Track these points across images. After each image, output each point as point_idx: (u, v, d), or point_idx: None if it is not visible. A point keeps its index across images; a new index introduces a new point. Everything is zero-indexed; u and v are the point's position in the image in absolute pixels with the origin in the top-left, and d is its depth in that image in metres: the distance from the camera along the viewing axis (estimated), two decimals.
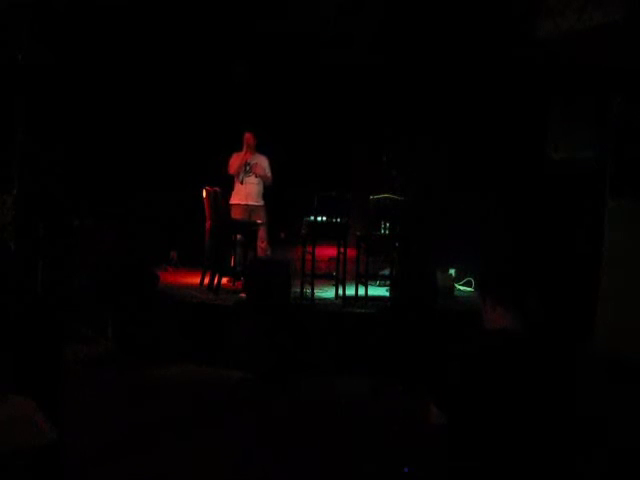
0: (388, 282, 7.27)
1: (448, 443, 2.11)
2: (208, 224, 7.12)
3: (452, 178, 7.73)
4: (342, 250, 6.92)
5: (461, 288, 7.62)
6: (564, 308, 5.90)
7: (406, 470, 2.66)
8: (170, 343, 5.99)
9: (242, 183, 7.51)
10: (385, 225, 6.98)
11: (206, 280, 7.06)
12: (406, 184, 7.53)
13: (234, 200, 7.51)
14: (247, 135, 7.64)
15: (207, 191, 7.05)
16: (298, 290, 6.63)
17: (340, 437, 4.52)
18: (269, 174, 7.65)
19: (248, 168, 7.55)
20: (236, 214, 7.40)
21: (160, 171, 8.09)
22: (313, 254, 6.76)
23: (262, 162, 7.64)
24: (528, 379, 2.07)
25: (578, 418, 2.11)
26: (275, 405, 5.02)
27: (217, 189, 7.01)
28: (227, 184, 7.53)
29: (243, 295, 6.34)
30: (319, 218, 6.73)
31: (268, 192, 7.83)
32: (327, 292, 7.13)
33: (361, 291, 6.76)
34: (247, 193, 7.53)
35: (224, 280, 7.01)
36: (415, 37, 7.52)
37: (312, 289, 6.66)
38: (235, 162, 7.57)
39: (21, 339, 3.13)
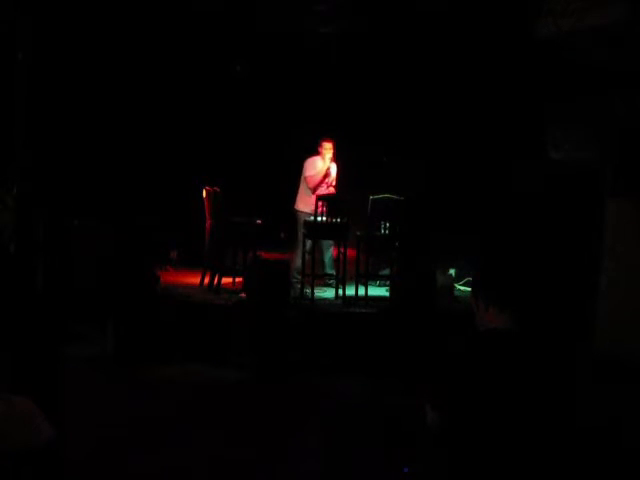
0: (388, 282, 7.27)
1: (445, 443, 2.10)
2: (208, 224, 7.12)
3: (452, 178, 7.72)
4: (342, 250, 6.91)
5: (461, 288, 7.61)
6: (564, 308, 5.89)
7: (406, 470, 2.66)
8: (170, 343, 5.99)
9: (314, 192, 7.07)
10: (385, 225, 6.97)
11: (206, 280, 7.05)
12: (406, 184, 7.51)
13: (304, 208, 7.13)
14: (326, 143, 7.14)
15: (207, 191, 7.05)
16: (298, 290, 6.62)
17: (340, 437, 4.52)
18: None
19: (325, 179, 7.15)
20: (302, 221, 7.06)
21: (160, 171, 8.08)
22: (313, 254, 6.75)
23: (334, 171, 7.25)
24: (521, 379, 2.06)
25: (573, 417, 2.11)
26: (275, 405, 5.01)
27: (217, 189, 7.00)
28: (229, 183, 7.47)
29: (243, 295, 6.33)
30: (319, 218, 6.72)
31: (268, 192, 7.82)
32: (327, 292, 7.13)
33: (361, 291, 6.76)
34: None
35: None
36: (416, 37, 7.52)
37: (312, 289, 6.65)
38: (318, 174, 7.08)
39: (20, 339, 3.13)
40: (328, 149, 7.15)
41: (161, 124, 8.11)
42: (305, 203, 7.17)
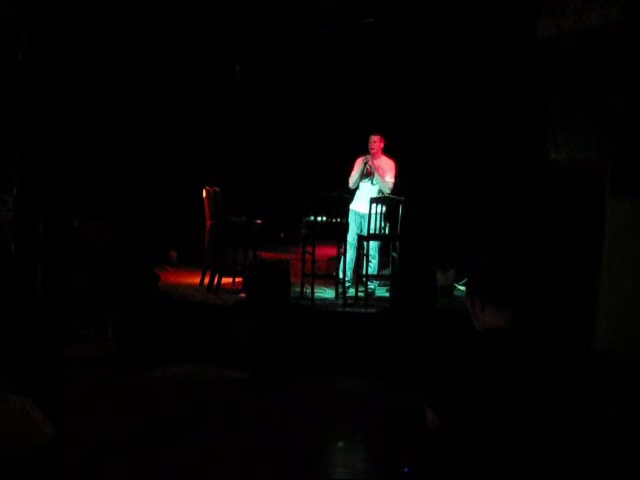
0: (388, 282, 7.27)
1: (445, 444, 2.10)
2: (208, 224, 7.12)
3: (452, 178, 7.72)
4: (342, 250, 6.92)
5: (461, 288, 7.61)
6: (565, 308, 5.90)
7: (406, 470, 2.66)
8: (170, 343, 5.99)
9: (357, 188, 6.92)
10: (385, 225, 6.97)
11: (206, 280, 7.05)
12: (406, 184, 7.51)
13: (351, 206, 6.93)
14: (372, 137, 6.89)
15: (207, 191, 7.05)
16: (298, 290, 6.62)
17: (340, 438, 4.52)
18: (389, 179, 6.88)
19: (366, 172, 6.87)
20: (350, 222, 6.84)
21: (160, 171, 8.08)
22: (313, 254, 6.74)
23: (384, 166, 6.90)
24: (520, 379, 2.06)
25: (566, 416, 2.11)
26: (275, 405, 5.02)
27: (217, 189, 7.01)
28: (229, 183, 7.47)
29: (243, 295, 6.34)
30: (319, 218, 6.72)
31: (267, 193, 7.82)
32: (327, 292, 7.13)
33: (361, 291, 6.76)
34: (361, 199, 6.86)
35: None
36: (416, 36, 7.52)
37: (312, 289, 6.65)
38: (354, 174, 6.85)
39: (21, 339, 3.13)
40: (371, 144, 6.91)
41: (161, 124, 8.11)
42: (354, 202, 7.03)
